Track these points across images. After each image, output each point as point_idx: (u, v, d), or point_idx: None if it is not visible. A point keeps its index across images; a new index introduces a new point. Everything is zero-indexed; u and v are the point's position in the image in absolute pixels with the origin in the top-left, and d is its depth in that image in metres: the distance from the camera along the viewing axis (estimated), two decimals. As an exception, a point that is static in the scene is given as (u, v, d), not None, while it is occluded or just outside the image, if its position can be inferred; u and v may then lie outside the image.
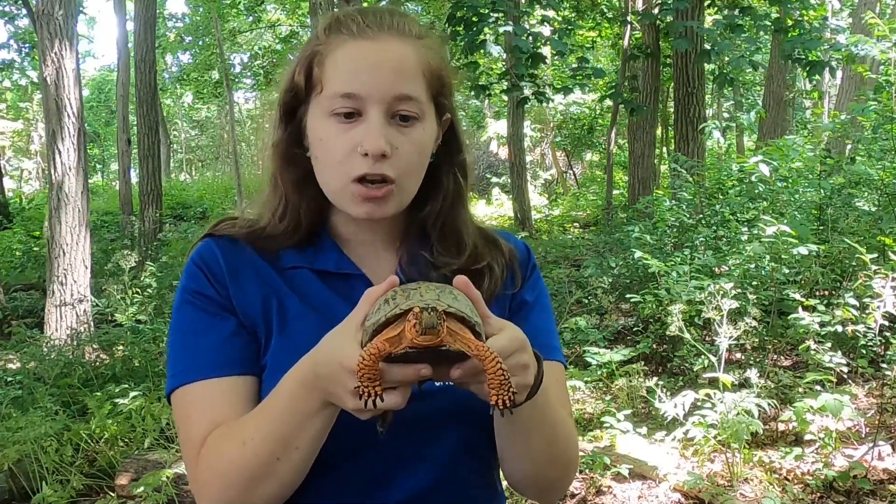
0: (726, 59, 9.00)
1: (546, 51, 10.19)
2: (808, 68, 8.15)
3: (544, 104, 12.02)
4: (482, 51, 8.18)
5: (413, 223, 1.09)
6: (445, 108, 1.07)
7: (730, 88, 15.24)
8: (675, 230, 6.56)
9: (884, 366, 4.28)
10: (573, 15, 11.71)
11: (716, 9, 9.26)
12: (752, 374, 3.84)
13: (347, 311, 0.90)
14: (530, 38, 8.18)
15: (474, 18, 8.08)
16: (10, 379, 5.16)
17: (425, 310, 0.77)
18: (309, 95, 1.02)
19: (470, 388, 0.86)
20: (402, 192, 1.02)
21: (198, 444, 0.96)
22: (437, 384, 0.92)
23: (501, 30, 8.10)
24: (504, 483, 1.14)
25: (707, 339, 4.66)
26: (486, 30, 8.15)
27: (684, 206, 6.56)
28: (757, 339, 4.16)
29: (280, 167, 1.06)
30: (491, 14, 7.99)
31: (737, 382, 3.88)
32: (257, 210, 1.09)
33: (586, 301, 6.26)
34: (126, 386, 4.56)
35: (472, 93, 9.27)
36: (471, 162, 1.14)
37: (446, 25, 8.39)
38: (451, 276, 1.00)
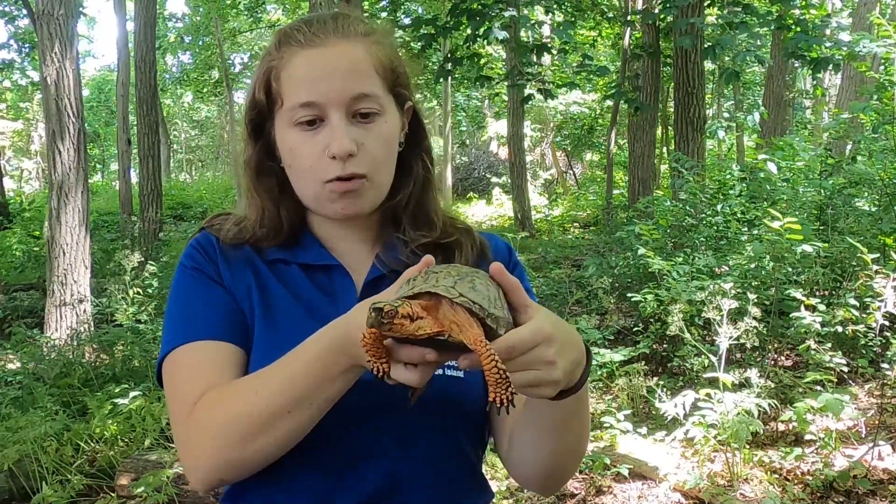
0: (730, 56, 8.99)
1: (548, 45, 10.21)
2: (812, 65, 8.13)
3: (546, 103, 12.03)
4: (487, 39, 8.18)
5: (387, 214, 1.12)
6: (405, 97, 1.10)
7: (730, 88, 15.24)
8: (675, 230, 6.56)
9: (884, 366, 4.28)
10: (573, 14, 11.72)
11: (717, 6, 9.25)
12: (753, 374, 3.84)
13: (327, 301, 0.93)
14: (534, 25, 8.19)
15: (478, 7, 8.10)
16: (10, 379, 5.16)
17: (372, 308, 0.77)
18: (272, 110, 1.06)
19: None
20: (375, 185, 1.05)
21: (190, 402, 0.97)
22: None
23: (507, 14, 8.09)
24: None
25: (707, 339, 4.65)
26: (488, 21, 8.16)
27: (686, 207, 6.56)
28: (757, 339, 4.16)
29: (255, 182, 1.11)
30: (495, 5, 8.01)
31: (737, 382, 3.88)
32: (240, 219, 1.13)
33: (587, 301, 6.26)
34: (126, 386, 4.56)
35: (476, 83, 9.29)
36: (434, 149, 1.18)
37: (449, 18, 8.39)
38: (421, 249, 1.03)
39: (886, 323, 4.28)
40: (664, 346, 5.28)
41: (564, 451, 1.02)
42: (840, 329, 4.27)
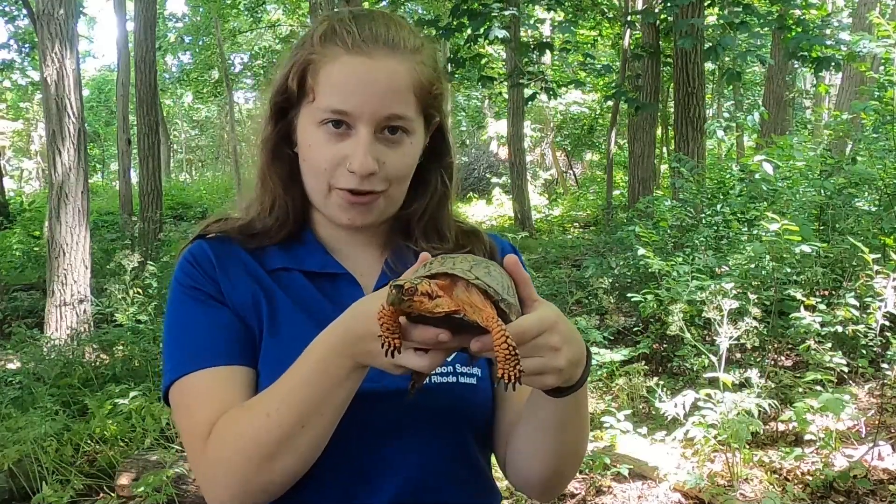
0: (732, 56, 9.00)
1: (551, 43, 10.24)
2: (814, 65, 8.13)
3: (547, 103, 12.05)
4: (487, 38, 8.19)
5: (398, 222, 1.11)
6: (434, 116, 1.08)
7: (730, 88, 15.23)
8: (675, 230, 6.56)
9: (884, 366, 4.28)
10: (573, 13, 11.74)
11: (718, 6, 9.25)
12: (753, 374, 3.84)
13: (334, 311, 0.91)
14: (535, 24, 8.18)
15: (479, 7, 8.11)
16: (10, 379, 5.16)
17: (393, 286, 0.77)
18: (301, 101, 1.04)
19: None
20: (389, 200, 1.05)
21: (205, 430, 0.95)
22: (425, 382, 0.95)
23: (507, 13, 8.10)
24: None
25: (707, 339, 4.65)
26: (489, 20, 8.17)
27: (686, 207, 6.56)
28: (757, 339, 4.16)
29: (268, 163, 1.09)
30: (495, 3, 8.01)
31: (737, 382, 3.88)
32: (247, 204, 1.12)
33: (586, 301, 6.26)
34: (126, 386, 4.56)
35: (478, 84, 9.31)
36: (457, 165, 1.16)
37: (451, 18, 8.39)
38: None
39: (886, 323, 4.27)
40: (664, 346, 5.29)
41: (561, 454, 1.02)
42: (840, 329, 4.27)
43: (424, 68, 1.03)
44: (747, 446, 3.64)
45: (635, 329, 5.78)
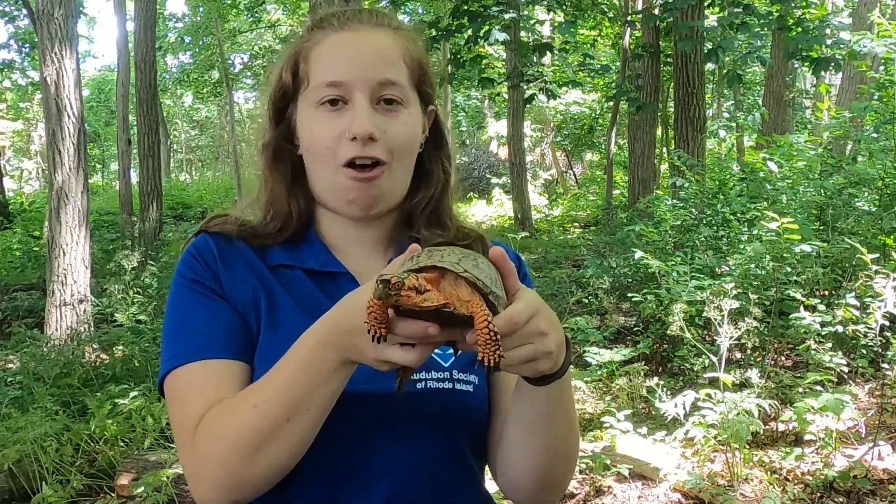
0: (732, 57, 9.01)
1: (550, 43, 10.25)
2: (814, 65, 8.13)
3: (547, 103, 12.05)
4: (487, 40, 8.21)
5: (402, 216, 1.12)
6: (429, 98, 1.10)
7: (730, 89, 15.23)
8: (676, 230, 6.56)
9: (884, 366, 4.28)
10: (573, 14, 11.74)
11: (718, 7, 9.25)
12: (753, 374, 3.84)
13: None
14: (534, 25, 8.21)
15: (479, 9, 8.12)
16: (10, 379, 5.16)
17: (379, 280, 0.77)
18: (297, 92, 1.06)
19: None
20: (394, 176, 1.04)
21: (194, 422, 0.95)
22: (420, 386, 0.96)
23: (507, 16, 8.11)
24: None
25: (707, 339, 4.66)
26: (488, 23, 8.18)
27: (686, 206, 6.56)
28: (757, 339, 4.16)
29: (270, 166, 1.10)
30: (494, 6, 8.03)
31: (737, 382, 3.88)
32: (248, 209, 1.12)
33: (586, 301, 6.26)
34: (126, 386, 4.56)
35: (478, 85, 9.34)
36: (455, 161, 1.18)
37: (451, 20, 8.40)
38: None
39: (886, 323, 4.28)
40: (664, 346, 5.29)
41: (550, 450, 1.01)
42: (840, 329, 4.27)
43: (411, 42, 1.07)
44: (747, 446, 3.64)
45: (635, 329, 5.78)
